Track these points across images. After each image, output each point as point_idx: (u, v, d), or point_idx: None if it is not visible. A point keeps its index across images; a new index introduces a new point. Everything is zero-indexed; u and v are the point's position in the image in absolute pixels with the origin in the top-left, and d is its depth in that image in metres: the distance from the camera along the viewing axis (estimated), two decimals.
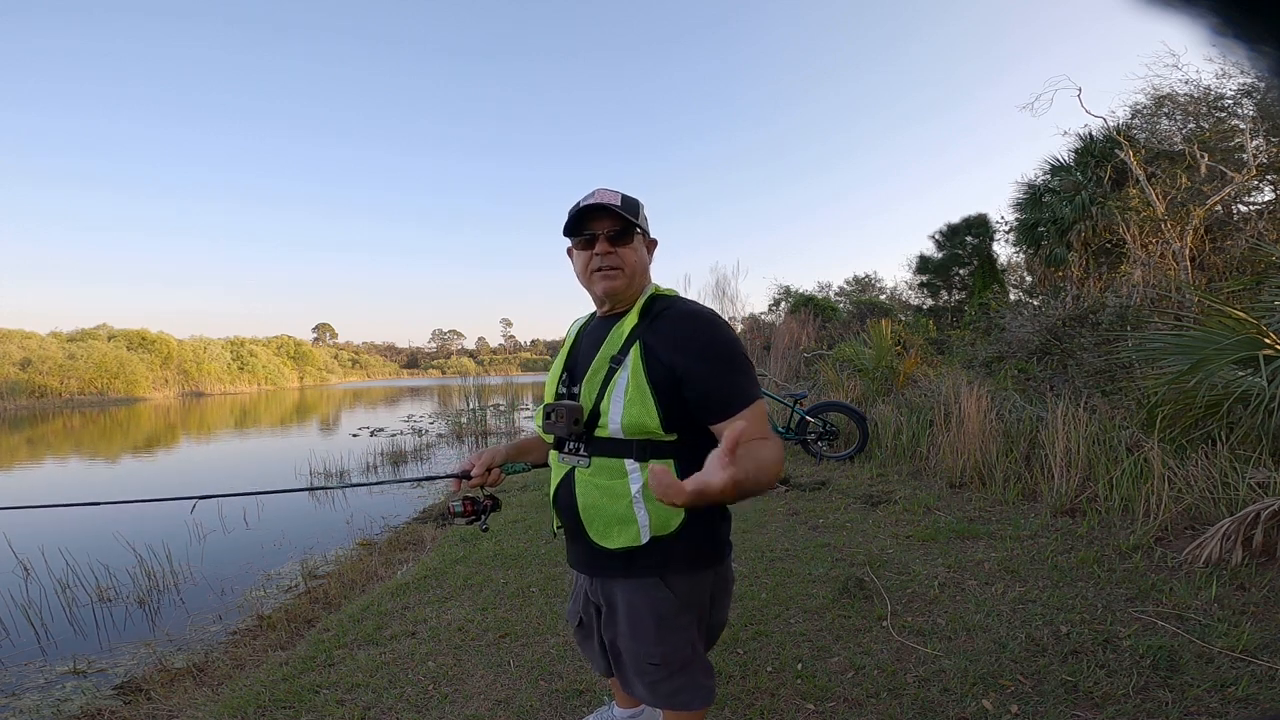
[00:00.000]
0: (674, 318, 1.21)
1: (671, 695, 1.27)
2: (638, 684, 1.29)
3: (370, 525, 5.63)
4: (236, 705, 2.17)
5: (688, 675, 1.27)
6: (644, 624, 1.23)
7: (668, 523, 1.18)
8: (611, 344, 1.23)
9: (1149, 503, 3.26)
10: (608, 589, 1.30)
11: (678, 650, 1.24)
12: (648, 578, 1.22)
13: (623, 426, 1.17)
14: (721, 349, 1.17)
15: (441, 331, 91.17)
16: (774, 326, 12.98)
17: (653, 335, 1.19)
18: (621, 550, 1.21)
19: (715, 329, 1.19)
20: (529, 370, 74.49)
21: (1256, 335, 3.32)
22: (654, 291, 1.29)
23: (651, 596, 1.22)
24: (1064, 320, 6.50)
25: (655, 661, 1.24)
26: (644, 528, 1.18)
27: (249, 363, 39.52)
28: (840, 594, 2.74)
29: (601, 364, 1.22)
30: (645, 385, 1.16)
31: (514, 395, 15.10)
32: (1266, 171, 7.68)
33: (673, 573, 1.22)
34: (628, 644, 1.27)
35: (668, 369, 1.16)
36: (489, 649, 2.46)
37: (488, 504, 1.45)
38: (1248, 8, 0.29)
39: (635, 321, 1.23)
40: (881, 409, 6.24)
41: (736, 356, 1.17)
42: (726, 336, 1.19)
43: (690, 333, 1.18)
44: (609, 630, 1.32)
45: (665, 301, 1.25)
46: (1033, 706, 1.85)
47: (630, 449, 1.19)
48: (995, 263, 14.14)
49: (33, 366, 26.76)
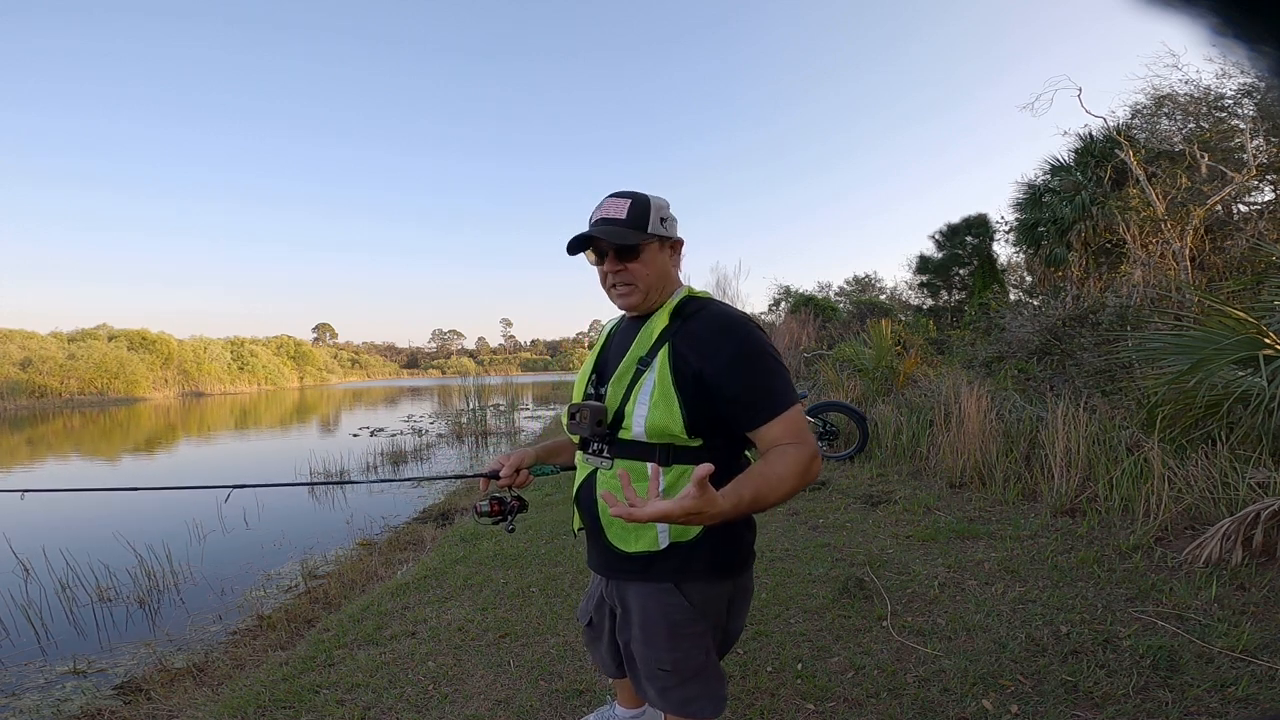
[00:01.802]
0: (705, 320, 1.18)
1: (683, 703, 1.25)
2: (649, 689, 1.28)
3: (370, 525, 5.63)
4: (236, 705, 2.17)
5: (700, 683, 1.24)
6: (657, 630, 1.22)
7: (686, 530, 1.16)
8: (640, 345, 1.21)
9: (1149, 503, 3.26)
10: (623, 592, 1.29)
11: (690, 658, 1.22)
12: (663, 583, 1.21)
13: (646, 430, 1.15)
14: (751, 355, 1.13)
15: (441, 331, 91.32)
16: (774, 326, 12.99)
17: (682, 338, 1.17)
18: (639, 554, 1.20)
19: (746, 334, 1.15)
20: (529, 370, 74.56)
21: (1256, 335, 3.32)
22: (687, 294, 1.25)
23: (665, 603, 1.21)
24: (1064, 320, 6.50)
25: (666, 668, 1.23)
26: (663, 533, 1.17)
27: (249, 363, 39.54)
28: (840, 594, 2.74)
29: (629, 366, 1.20)
30: (671, 389, 1.13)
31: (514, 395, 15.11)
32: (1266, 171, 7.68)
33: (689, 580, 1.20)
34: (640, 649, 1.26)
35: (695, 374, 1.13)
36: (489, 649, 2.46)
37: (515, 505, 1.47)
38: (1248, 8, 0.29)
39: (665, 323, 1.20)
40: (881, 409, 6.24)
41: (766, 362, 1.13)
42: (757, 342, 1.15)
43: (719, 338, 1.14)
44: (623, 633, 1.31)
45: (698, 304, 1.22)
46: (1033, 706, 1.85)
47: (654, 453, 1.16)
48: (995, 263, 14.14)
49: (33, 366, 26.77)
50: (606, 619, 1.38)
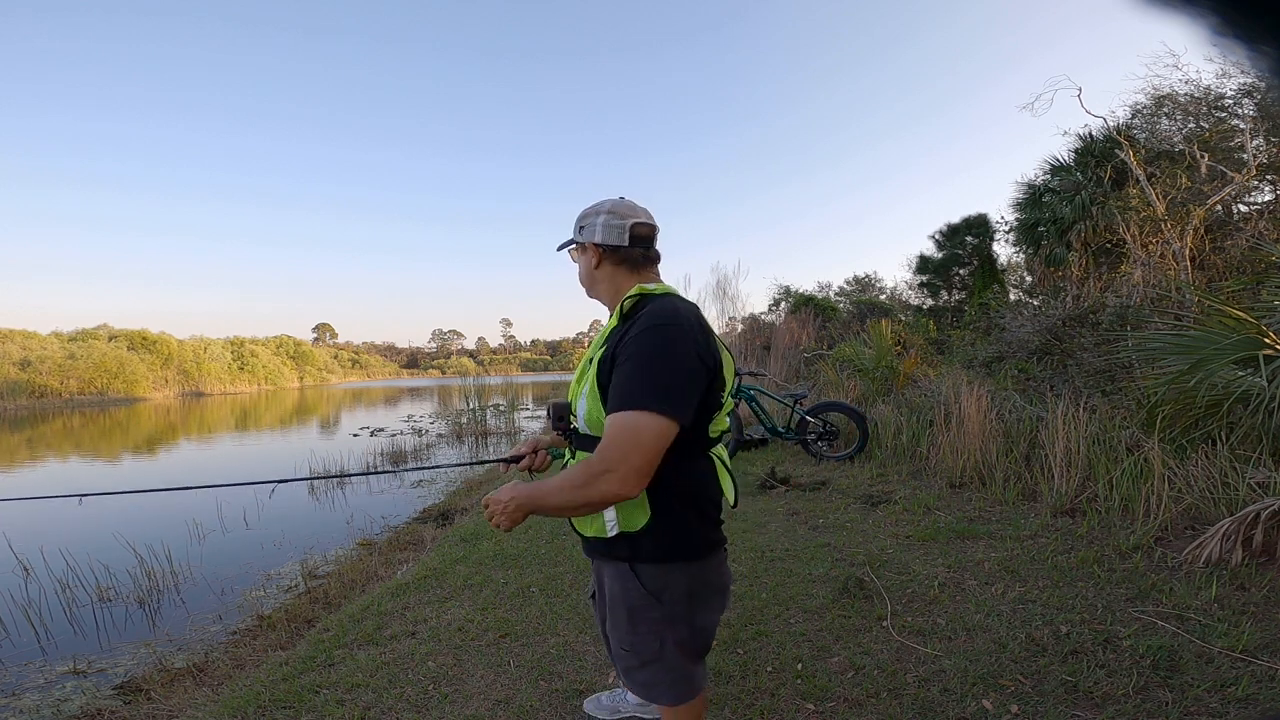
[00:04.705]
0: (639, 320, 1.20)
1: (644, 686, 1.34)
2: (617, 666, 1.38)
3: (370, 525, 5.63)
4: (236, 705, 2.17)
5: (658, 670, 1.30)
6: (619, 610, 1.31)
7: (632, 521, 1.23)
8: (595, 345, 1.32)
9: (1149, 503, 3.26)
10: (598, 569, 1.40)
11: (646, 643, 1.29)
12: (621, 564, 1.29)
13: (585, 422, 1.26)
14: (647, 353, 1.13)
15: (441, 331, 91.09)
16: (774, 326, 12.97)
17: (622, 335, 1.20)
18: (593, 539, 1.30)
19: (659, 334, 1.15)
20: (529, 370, 74.55)
21: (1256, 335, 3.32)
22: (637, 292, 1.26)
23: (624, 585, 1.29)
24: (1064, 320, 6.50)
25: (626, 648, 1.32)
26: (610, 522, 1.24)
27: (249, 363, 39.51)
28: (840, 594, 2.74)
29: (584, 364, 1.33)
30: (595, 383, 1.23)
31: (514, 395, 15.11)
32: (1266, 171, 7.69)
33: (641, 562, 1.27)
34: (610, 629, 1.36)
35: (614, 366, 1.18)
36: (489, 649, 2.47)
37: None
38: (1248, 8, 0.29)
39: (615, 324, 1.27)
40: (881, 409, 6.24)
41: (653, 362, 1.12)
42: (664, 343, 1.14)
43: (639, 335, 1.16)
44: (599, 610, 1.43)
45: (644, 303, 1.24)
46: (1033, 706, 1.85)
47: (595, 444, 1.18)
48: (995, 263, 14.13)
49: (33, 367, 26.77)
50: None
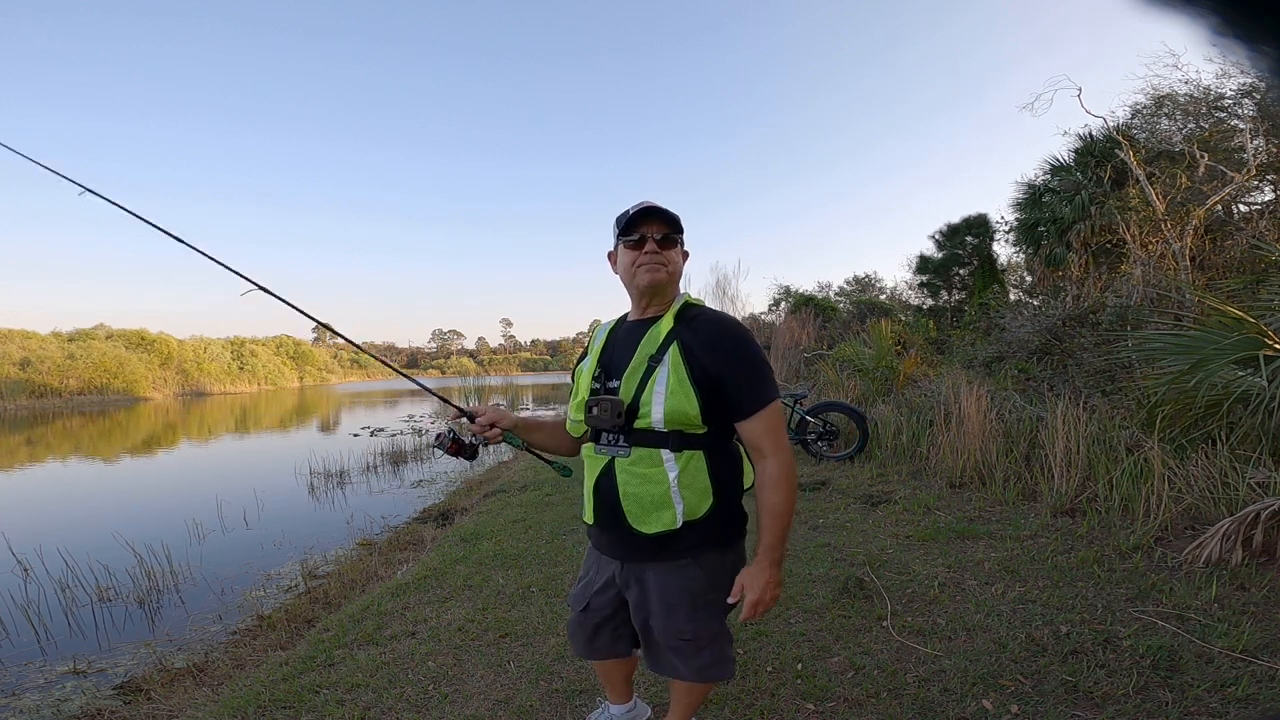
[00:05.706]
0: (707, 322, 1.36)
1: (701, 670, 1.42)
2: (671, 659, 1.43)
3: (370, 525, 5.63)
4: (236, 705, 2.17)
5: (716, 649, 1.41)
6: (679, 603, 1.36)
7: (698, 508, 1.30)
8: (649, 344, 1.35)
9: (1149, 503, 3.25)
10: (640, 573, 1.41)
11: (707, 625, 1.38)
12: (681, 559, 1.35)
13: (665, 416, 1.29)
14: (748, 355, 1.32)
15: (441, 331, 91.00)
16: (774, 326, 12.97)
17: (690, 337, 1.33)
18: (656, 535, 1.32)
19: (743, 336, 1.35)
20: (529, 370, 74.55)
21: (1256, 335, 3.32)
22: (686, 300, 1.42)
23: (684, 577, 1.35)
24: (1064, 320, 6.50)
25: (687, 638, 1.38)
26: (679, 513, 1.30)
27: (249, 363, 39.47)
28: (840, 594, 2.74)
29: (641, 362, 1.34)
30: (686, 379, 1.29)
31: (514, 395, 15.13)
32: (1266, 171, 7.68)
33: (704, 552, 1.36)
34: (661, 623, 1.39)
35: (703, 367, 1.29)
36: (489, 649, 2.46)
37: (470, 451, 1.54)
38: (1248, 8, 0.29)
39: (671, 325, 1.36)
40: (881, 409, 6.24)
41: (758, 363, 1.33)
42: (752, 343, 1.35)
43: (723, 338, 1.32)
44: (640, 613, 1.43)
45: (696, 309, 1.40)
46: (1033, 706, 1.85)
47: (667, 439, 1.30)
48: (995, 263, 14.12)
49: (32, 366, 26.75)
50: (611, 604, 1.50)
